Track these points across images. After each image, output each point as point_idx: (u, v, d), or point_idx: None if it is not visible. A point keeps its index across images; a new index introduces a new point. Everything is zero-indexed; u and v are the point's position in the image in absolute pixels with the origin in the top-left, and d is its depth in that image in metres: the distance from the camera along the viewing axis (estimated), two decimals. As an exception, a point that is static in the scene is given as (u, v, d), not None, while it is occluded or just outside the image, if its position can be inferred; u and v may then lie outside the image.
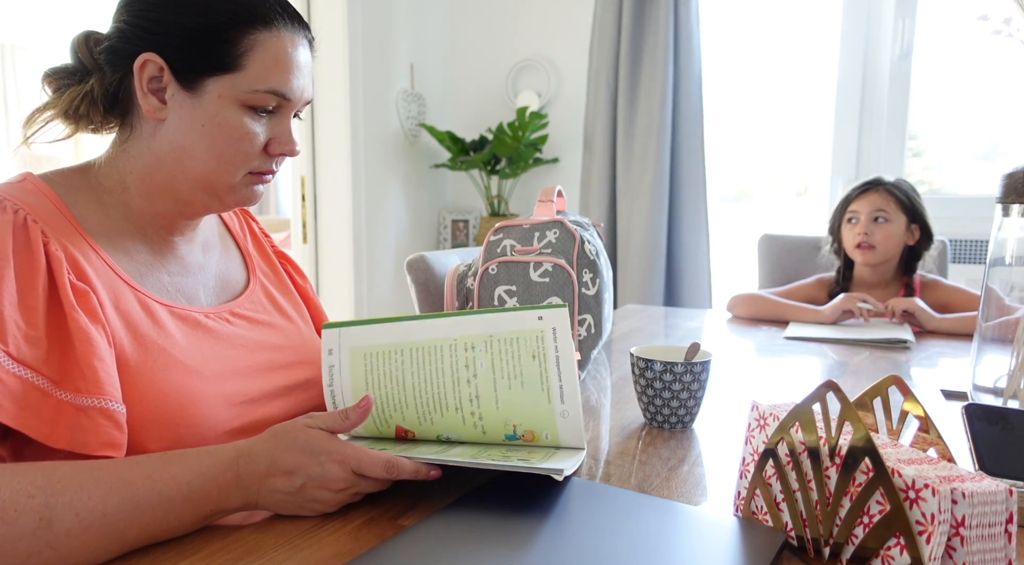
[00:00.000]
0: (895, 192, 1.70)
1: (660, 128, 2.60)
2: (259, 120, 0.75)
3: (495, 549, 0.56)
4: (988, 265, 0.95)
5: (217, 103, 0.73)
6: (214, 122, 0.73)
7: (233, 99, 0.73)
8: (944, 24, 2.46)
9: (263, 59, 0.73)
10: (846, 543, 0.53)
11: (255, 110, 0.74)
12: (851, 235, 1.73)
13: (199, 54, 0.72)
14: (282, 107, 0.77)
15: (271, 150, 0.77)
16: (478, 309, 0.78)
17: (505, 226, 1.13)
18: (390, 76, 2.83)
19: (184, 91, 0.73)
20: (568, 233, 1.12)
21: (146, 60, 0.72)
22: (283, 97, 0.75)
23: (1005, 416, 0.72)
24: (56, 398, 0.63)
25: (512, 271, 1.09)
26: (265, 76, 0.73)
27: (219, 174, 0.75)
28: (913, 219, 1.71)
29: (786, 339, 1.51)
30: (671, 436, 0.88)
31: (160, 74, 0.72)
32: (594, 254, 1.13)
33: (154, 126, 0.75)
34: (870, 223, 1.69)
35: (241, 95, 0.73)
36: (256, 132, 0.75)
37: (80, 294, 0.67)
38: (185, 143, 0.74)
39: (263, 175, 0.79)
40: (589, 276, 1.11)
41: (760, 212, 2.86)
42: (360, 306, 2.75)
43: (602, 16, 2.69)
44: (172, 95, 0.73)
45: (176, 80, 0.72)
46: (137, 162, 0.76)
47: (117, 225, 0.76)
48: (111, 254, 0.74)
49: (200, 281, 0.83)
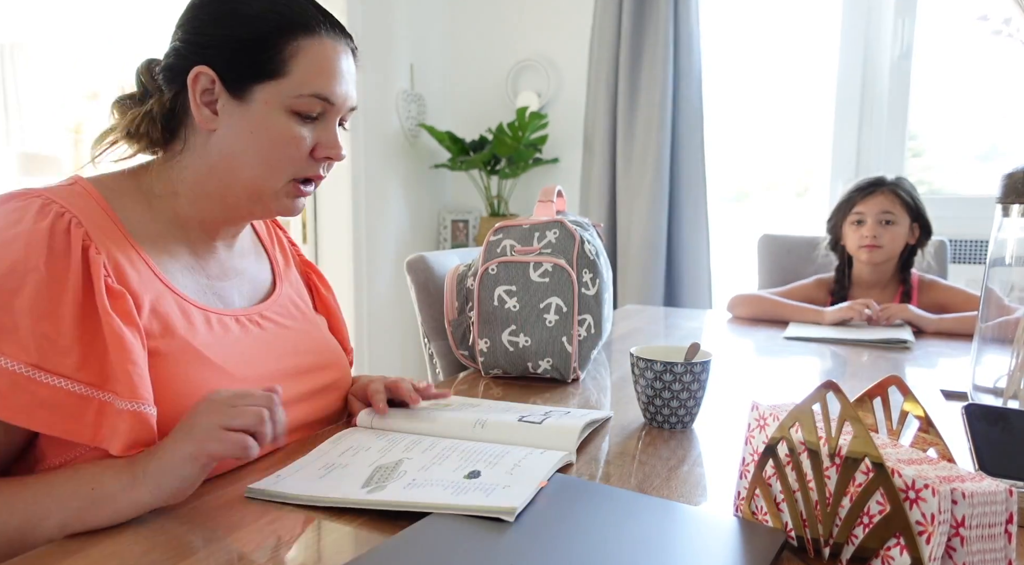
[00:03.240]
0: (900, 193, 1.70)
1: (660, 128, 2.60)
2: (305, 125, 0.78)
3: (495, 549, 0.56)
4: (988, 265, 0.95)
5: (264, 109, 0.76)
6: (262, 128, 0.76)
7: (279, 105, 0.76)
8: (944, 24, 2.46)
9: (307, 65, 0.76)
10: (846, 543, 0.53)
11: (301, 116, 0.77)
12: (856, 236, 1.72)
13: (246, 62, 0.75)
14: (327, 113, 0.79)
15: (317, 154, 0.80)
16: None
17: (505, 226, 1.14)
18: (390, 76, 2.83)
19: (234, 100, 0.76)
20: (568, 233, 1.12)
21: (198, 73, 0.75)
22: (327, 101, 0.78)
23: (1005, 416, 0.72)
24: (98, 400, 0.65)
25: (512, 271, 1.09)
26: (309, 81, 0.76)
27: (266, 180, 0.78)
28: (915, 218, 1.71)
29: (786, 339, 1.51)
30: (671, 436, 0.88)
31: (212, 86, 0.76)
32: (594, 254, 1.13)
33: (206, 137, 0.78)
34: (877, 225, 1.69)
35: (287, 100, 0.76)
36: (303, 136, 0.77)
37: (116, 297, 0.68)
38: (235, 150, 0.77)
39: (309, 182, 0.81)
40: (589, 276, 1.11)
41: (760, 212, 2.86)
42: (360, 306, 2.75)
43: (602, 16, 2.69)
44: (223, 105, 0.76)
45: (226, 90, 0.76)
46: (189, 172, 0.79)
47: (162, 229, 0.79)
48: (154, 257, 0.76)
49: (236, 285, 0.86)
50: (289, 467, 0.73)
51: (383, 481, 0.68)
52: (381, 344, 2.84)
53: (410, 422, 0.84)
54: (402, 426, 0.84)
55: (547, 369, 1.11)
